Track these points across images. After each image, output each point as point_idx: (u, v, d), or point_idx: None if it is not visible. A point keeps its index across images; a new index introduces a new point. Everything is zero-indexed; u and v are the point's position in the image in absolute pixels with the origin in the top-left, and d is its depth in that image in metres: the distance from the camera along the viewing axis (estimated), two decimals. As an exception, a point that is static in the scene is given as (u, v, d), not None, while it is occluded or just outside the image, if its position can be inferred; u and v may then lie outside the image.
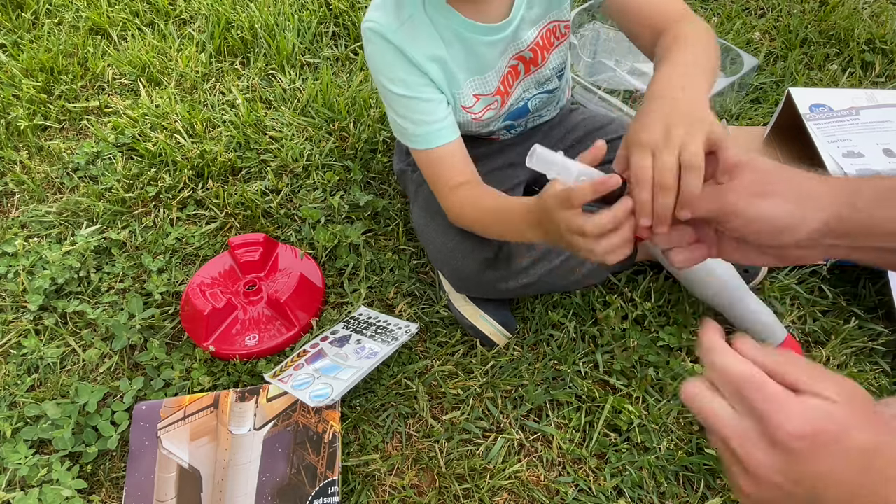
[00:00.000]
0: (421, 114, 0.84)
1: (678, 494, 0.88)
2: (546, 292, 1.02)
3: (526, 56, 0.90)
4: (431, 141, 0.86)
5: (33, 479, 0.89)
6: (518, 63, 0.91)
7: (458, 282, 0.97)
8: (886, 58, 1.49)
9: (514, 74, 0.92)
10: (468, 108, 0.91)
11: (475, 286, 0.97)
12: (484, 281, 0.94)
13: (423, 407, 0.97)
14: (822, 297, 1.08)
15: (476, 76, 0.88)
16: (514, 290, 0.97)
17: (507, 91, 0.93)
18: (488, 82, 0.90)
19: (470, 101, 0.90)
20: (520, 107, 0.98)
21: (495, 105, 0.93)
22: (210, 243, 1.20)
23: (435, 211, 0.96)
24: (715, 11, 1.65)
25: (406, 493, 0.89)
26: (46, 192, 1.32)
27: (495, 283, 0.95)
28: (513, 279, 0.95)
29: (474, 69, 0.88)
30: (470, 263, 0.93)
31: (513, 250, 0.93)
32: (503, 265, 0.94)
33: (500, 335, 1.02)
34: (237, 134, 1.37)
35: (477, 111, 0.92)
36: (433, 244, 0.98)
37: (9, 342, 1.08)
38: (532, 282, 0.96)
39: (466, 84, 0.88)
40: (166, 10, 1.71)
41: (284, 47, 1.54)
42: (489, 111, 0.93)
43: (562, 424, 0.95)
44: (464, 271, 0.94)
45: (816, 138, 1.15)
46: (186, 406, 0.95)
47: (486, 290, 0.97)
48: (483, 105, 0.92)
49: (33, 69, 1.55)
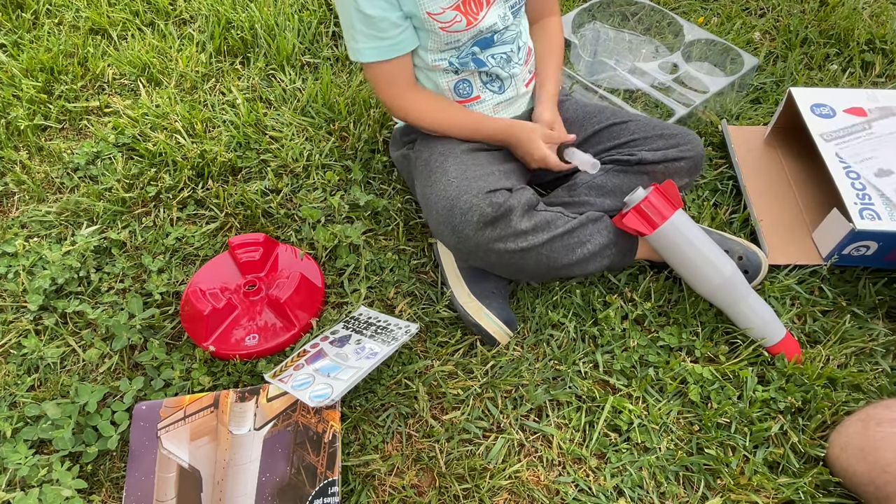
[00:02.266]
0: (382, 31, 0.96)
1: (678, 494, 0.88)
2: (546, 272, 1.00)
3: None
4: (387, 54, 0.99)
5: (33, 479, 0.89)
6: None
7: (457, 242, 0.96)
8: (886, 58, 1.49)
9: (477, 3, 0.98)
10: (434, 15, 0.96)
11: (475, 247, 0.95)
12: (483, 240, 0.94)
13: (423, 407, 0.97)
14: (822, 297, 1.08)
15: None
16: (514, 254, 0.95)
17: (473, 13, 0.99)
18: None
19: (436, 7, 0.96)
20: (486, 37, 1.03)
21: (459, 19, 0.98)
22: (210, 243, 1.20)
23: (437, 177, 0.99)
24: (715, 11, 1.65)
25: (406, 493, 0.89)
26: (46, 192, 1.32)
27: (494, 244, 0.94)
28: (511, 240, 0.94)
29: None
30: (469, 219, 0.93)
31: (513, 206, 0.94)
32: (501, 223, 0.93)
33: (503, 333, 1.02)
34: (237, 134, 1.37)
35: (444, 20, 0.97)
36: (434, 208, 0.98)
37: (9, 342, 1.08)
38: (531, 246, 0.95)
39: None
40: (166, 10, 1.71)
41: (284, 47, 1.54)
42: (455, 24, 0.98)
43: (562, 424, 0.95)
44: (463, 230, 0.93)
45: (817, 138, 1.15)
46: (186, 406, 0.95)
47: (486, 251, 0.96)
48: (450, 17, 0.97)
49: (33, 69, 1.55)
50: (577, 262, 1.00)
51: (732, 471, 0.89)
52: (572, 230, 0.99)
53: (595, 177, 1.07)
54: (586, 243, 1.00)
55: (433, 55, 1.02)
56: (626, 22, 1.58)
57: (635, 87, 1.39)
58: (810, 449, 0.90)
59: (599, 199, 1.06)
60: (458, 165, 1.00)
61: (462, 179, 0.97)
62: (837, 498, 0.86)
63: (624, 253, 1.05)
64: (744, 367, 0.98)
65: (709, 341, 1.03)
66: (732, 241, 1.09)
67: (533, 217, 0.96)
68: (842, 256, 1.08)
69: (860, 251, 1.06)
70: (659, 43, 1.52)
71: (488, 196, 0.93)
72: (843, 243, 1.05)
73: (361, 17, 0.94)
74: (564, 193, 1.09)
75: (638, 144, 1.07)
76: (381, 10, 0.94)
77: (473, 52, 1.04)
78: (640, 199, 0.99)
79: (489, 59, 1.06)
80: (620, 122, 1.09)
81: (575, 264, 1.00)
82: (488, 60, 1.06)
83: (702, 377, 0.97)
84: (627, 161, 1.06)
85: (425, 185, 1.03)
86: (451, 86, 1.07)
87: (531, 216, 0.96)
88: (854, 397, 0.95)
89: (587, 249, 1.00)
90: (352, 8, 0.94)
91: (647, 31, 1.55)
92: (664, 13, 1.50)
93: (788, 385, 0.96)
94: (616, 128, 1.09)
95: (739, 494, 0.87)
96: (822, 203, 1.18)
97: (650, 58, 1.48)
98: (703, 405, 0.95)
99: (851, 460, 0.84)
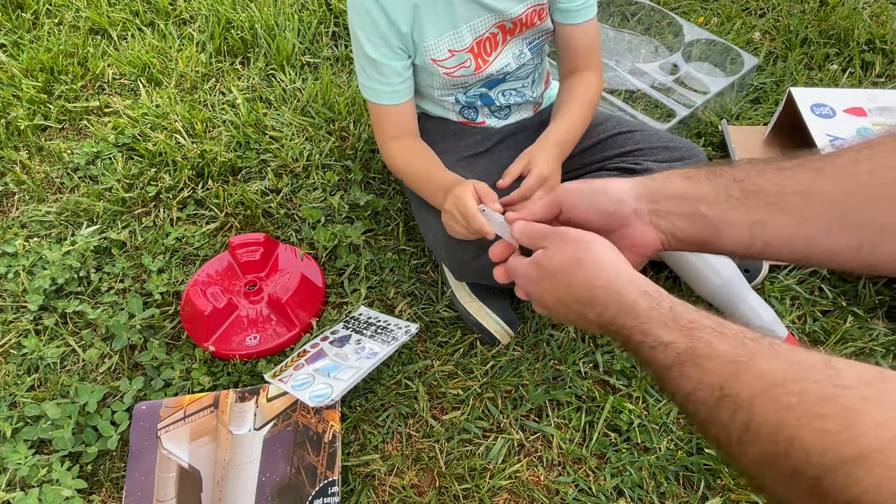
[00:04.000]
0: (382, 76, 0.95)
1: (678, 494, 0.88)
2: None
3: (506, 25, 0.95)
4: (384, 99, 0.97)
5: (33, 479, 0.89)
6: (499, 32, 0.96)
7: (457, 268, 0.97)
8: (886, 58, 1.49)
9: (493, 42, 0.96)
10: (439, 62, 0.95)
11: (474, 272, 0.96)
12: (481, 265, 0.94)
13: (423, 407, 0.97)
14: (822, 296, 1.08)
15: (450, 30, 0.93)
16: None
17: (485, 57, 0.97)
18: (462, 37, 0.94)
19: (443, 54, 0.94)
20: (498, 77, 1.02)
21: (469, 64, 0.96)
22: (210, 243, 1.20)
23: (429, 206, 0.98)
24: (715, 11, 1.65)
25: (406, 493, 0.89)
26: (46, 192, 1.32)
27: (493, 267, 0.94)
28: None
29: (446, 23, 0.92)
30: (467, 248, 0.93)
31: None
32: None
33: (505, 333, 1.02)
34: (237, 134, 1.37)
35: (449, 66, 0.96)
36: (432, 231, 0.98)
37: (9, 342, 1.08)
38: None
39: (439, 39, 0.93)
40: (166, 10, 1.71)
41: (284, 47, 1.54)
42: (462, 69, 0.97)
43: (562, 424, 0.95)
44: (461, 256, 0.94)
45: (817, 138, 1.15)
46: (186, 406, 0.95)
47: (485, 275, 0.95)
48: (457, 62, 0.96)
49: (33, 69, 1.55)
50: None
51: (732, 471, 0.89)
52: None
53: None
54: None
55: (439, 91, 1.03)
56: (626, 22, 1.58)
57: (635, 88, 1.39)
58: (810, 449, 0.90)
59: None
60: None
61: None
62: (837, 498, 0.86)
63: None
64: (744, 367, 0.98)
65: (709, 341, 1.03)
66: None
67: None
68: (842, 256, 1.07)
69: (860, 251, 1.06)
70: (659, 43, 1.52)
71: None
72: (843, 243, 1.05)
73: (367, 59, 0.94)
74: None
75: (643, 154, 1.06)
76: (384, 57, 0.93)
77: (482, 92, 1.04)
78: None
79: (499, 96, 1.06)
80: (626, 131, 1.09)
81: None
82: (498, 98, 1.06)
83: (702, 377, 0.97)
84: (632, 170, 1.05)
85: (420, 209, 1.02)
86: (457, 110, 1.07)
87: None
88: (854, 397, 0.95)
89: None
90: (359, 48, 0.94)
91: (646, 31, 1.55)
92: (664, 13, 1.50)
93: (788, 385, 0.96)
94: (621, 137, 1.09)
95: (739, 494, 0.87)
96: (822, 203, 1.17)
97: (650, 58, 1.48)
98: (703, 405, 0.95)
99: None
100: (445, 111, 1.08)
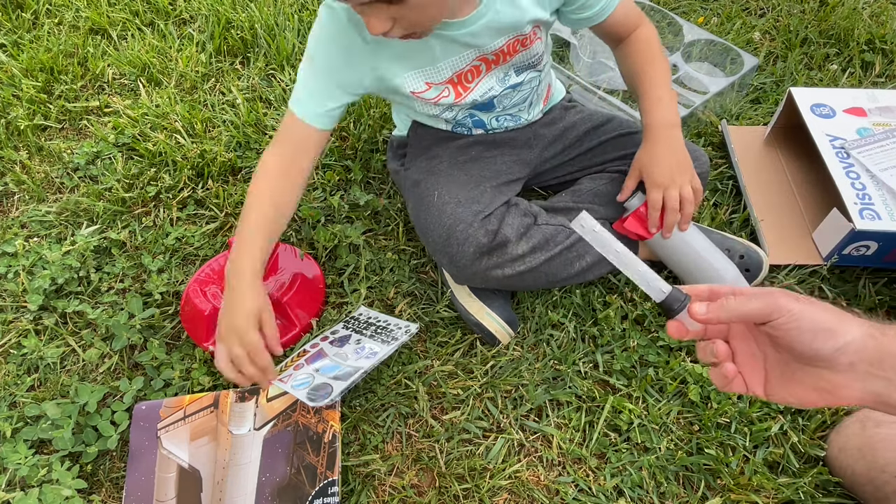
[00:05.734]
0: (317, 94, 0.91)
1: (678, 494, 0.88)
2: (545, 285, 1.01)
3: (489, 58, 0.93)
4: (305, 115, 0.92)
5: (33, 479, 0.89)
6: (481, 63, 0.94)
7: (456, 271, 0.96)
8: (886, 58, 1.49)
9: (474, 73, 0.95)
10: (418, 94, 0.94)
11: (473, 275, 0.96)
12: (481, 269, 0.94)
13: (423, 407, 0.97)
14: (822, 297, 1.08)
15: (426, 66, 0.91)
16: (512, 277, 0.96)
17: (465, 85, 0.95)
18: (440, 71, 0.92)
19: (420, 86, 0.93)
20: (485, 102, 1.00)
21: (447, 94, 0.95)
22: (210, 243, 1.20)
23: (429, 203, 0.97)
24: (715, 11, 1.65)
25: (406, 493, 0.89)
26: (46, 192, 1.32)
27: (492, 270, 0.94)
28: (509, 266, 0.94)
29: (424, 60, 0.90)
30: (466, 250, 0.93)
31: (508, 237, 0.93)
32: (498, 252, 0.93)
33: (505, 333, 1.01)
34: (237, 134, 1.37)
35: (429, 97, 0.95)
36: (430, 235, 0.97)
37: (9, 342, 1.08)
38: (529, 269, 0.95)
39: (409, 75, 0.91)
40: (166, 10, 1.71)
41: (284, 47, 1.54)
42: (443, 98, 0.95)
43: (562, 424, 0.95)
44: (460, 259, 0.94)
45: (817, 138, 1.15)
46: (186, 406, 0.95)
47: (485, 278, 0.96)
48: (436, 93, 0.94)
49: (33, 69, 1.55)
50: (576, 274, 1.01)
51: (732, 471, 0.89)
52: (571, 246, 0.98)
53: (599, 185, 1.07)
54: (585, 255, 1.00)
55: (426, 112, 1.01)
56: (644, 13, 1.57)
57: (635, 87, 1.39)
58: (810, 449, 0.90)
59: (602, 206, 1.06)
60: (449, 185, 0.98)
61: (455, 204, 0.95)
62: (837, 498, 0.86)
63: None
64: (744, 367, 0.98)
65: (709, 341, 1.03)
66: (733, 240, 1.09)
67: (531, 238, 0.95)
68: (842, 256, 1.08)
69: (860, 251, 1.06)
70: (659, 43, 1.52)
71: (483, 224, 0.92)
72: (843, 243, 1.05)
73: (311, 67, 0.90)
74: (568, 198, 1.09)
75: None
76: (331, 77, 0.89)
77: (473, 115, 1.03)
78: (640, 204, 0.99)
79: (492, 121, 1.05)
80: (628, 132, 1.09)
81: (575, 276, 1.01)
82: (490, 123, 1.05)
83: (702, 377, 0.97)
84: None
85: (419, 209, 1.00)
86: (450, 127, 1.06)
87: (529, 237, 0.95)
88: (854, 397, 0.95)
89: (586, 262, 1.00)
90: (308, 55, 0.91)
91: (647, 31, 1.55)
92: (664, 13, 1.50)
93: (788, 385, 0.96)
94: (624, 139, 1.08)
95: (739, 494, 0.87)
96: (822, 203, 1.18)
97: (650, 58, 1.48)
98: (703, 405, 0.95)
99: (850, 460, 0.84)
100: (438, 123, 1.06)
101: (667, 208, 0.93)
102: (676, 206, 0.93)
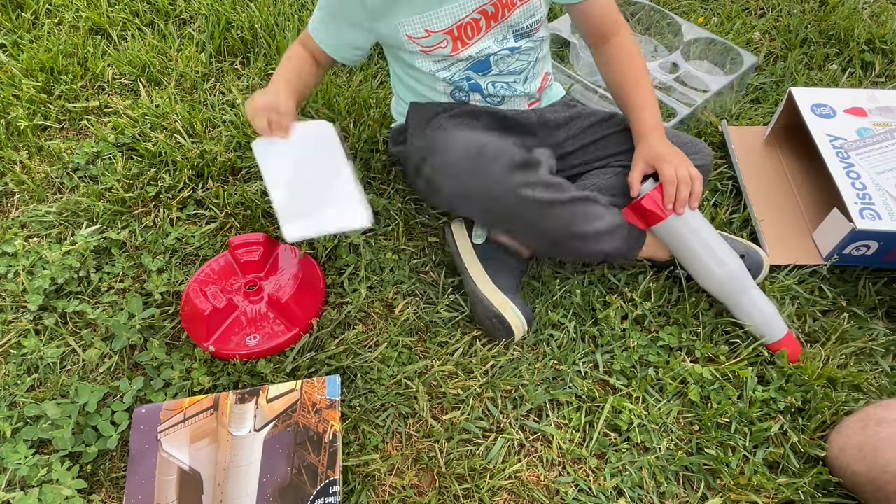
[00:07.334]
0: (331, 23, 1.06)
1: (678, 494, 0.88)
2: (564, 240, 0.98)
3: (488, 10, 0.96)
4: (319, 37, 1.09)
5: (33, 479, 0.89)
6: (481, 17, 0.97)
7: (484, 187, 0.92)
8: (886, 58, 1.49)
9: (475, 27, 0.97)
10: (414, 38, 0.97)
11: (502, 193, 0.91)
12: (512, 184, 0.91)
13: (423, 407, 0.97)
14: (822, 296, 1.08)
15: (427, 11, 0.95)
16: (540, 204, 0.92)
17: (464, 41, 0.99)
18: (441, 18, 0.96)
19: (419, 32, 0.97)
20: (481, 60, 1.02)
21: (445, 45, 0.98)
22: (210, 243, 1.20)
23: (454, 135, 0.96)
24: (715, 11, 1.65)
25: (406, 493, 0.89)
26: (46, 192, 1.32)
27: (523, 189, 0.91)
28: (540, 189, 0.92)
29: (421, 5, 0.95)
30: (499, 162, 0.91)
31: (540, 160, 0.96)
32: (531, 170, 0.94)
33: (522, 327, 1.01)
34: (237, 134, 1.37)
35: (427, 44, 0.98)
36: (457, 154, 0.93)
37: (9, 342, 1.08)
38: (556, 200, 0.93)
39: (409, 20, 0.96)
40: (166, 10, 1.71)
41: (284, 47, 1.54)
42: (438, 49, 0.98)
43: (562, 424, 0.95)
44: (491, 172, 0.91)
45: (818, 138, 1.15)
46: (186, 408, 0.95)
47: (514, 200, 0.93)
48: (434, 41, 0.98)
49: (33, 69, 1.55)
50: (593, 235, 0.97)
51: (732, 471, 0.89)
52: (591, 199, 0.98)
53: (604, 179, 1.08)
54: (603, 217, 0.98)
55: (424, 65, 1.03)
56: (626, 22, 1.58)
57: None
58: (810, 449, 0.90)
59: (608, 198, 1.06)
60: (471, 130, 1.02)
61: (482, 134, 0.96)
62: (837, 498, 0.86)
63: (633, 240, 1.04)
64: (744, 367, 0.98)
65: (709, 341, 1.03)
66: (733, 240, 1.09)
67: (557, 177, 0.97)
68: (842, 256, 1.08)
69: (860, 251, 1.06)
70: (658, 43, 1.52)
71: (515, 144, 0.95)
72: (843, 243, 1.05)
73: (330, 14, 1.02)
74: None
75: None
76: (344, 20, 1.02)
77: (469, 77, 1.04)
78: (654, 186, 0.99)
79: (488, 86, 1.06)
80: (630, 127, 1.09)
81: (591, 237, 0.97)
82: (487, 88, 1.06)
83: (702, 377, 0.97)
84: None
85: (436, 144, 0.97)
86: (448, 91, 1.07)
87: (555, 176, 0.97)
88: (854, 397, 0.95)
89: (603, 224, 0.97)
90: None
91: (646, 30, 1.55)
92: (664, 13, 1.50)
93: (788, 385, 0.96)
94: (626, 133, 1.08)
95: (739, 494, 0.87)
96: (822, 203, 1.18)
97: (650, 57, 1.48)
98: (703, 405, 0.95)
99: (851, 460, 0.84)
100: (436, 94, 1.07)
101: (680, 182, 0.97)
102: (688, 180, 0.97)
